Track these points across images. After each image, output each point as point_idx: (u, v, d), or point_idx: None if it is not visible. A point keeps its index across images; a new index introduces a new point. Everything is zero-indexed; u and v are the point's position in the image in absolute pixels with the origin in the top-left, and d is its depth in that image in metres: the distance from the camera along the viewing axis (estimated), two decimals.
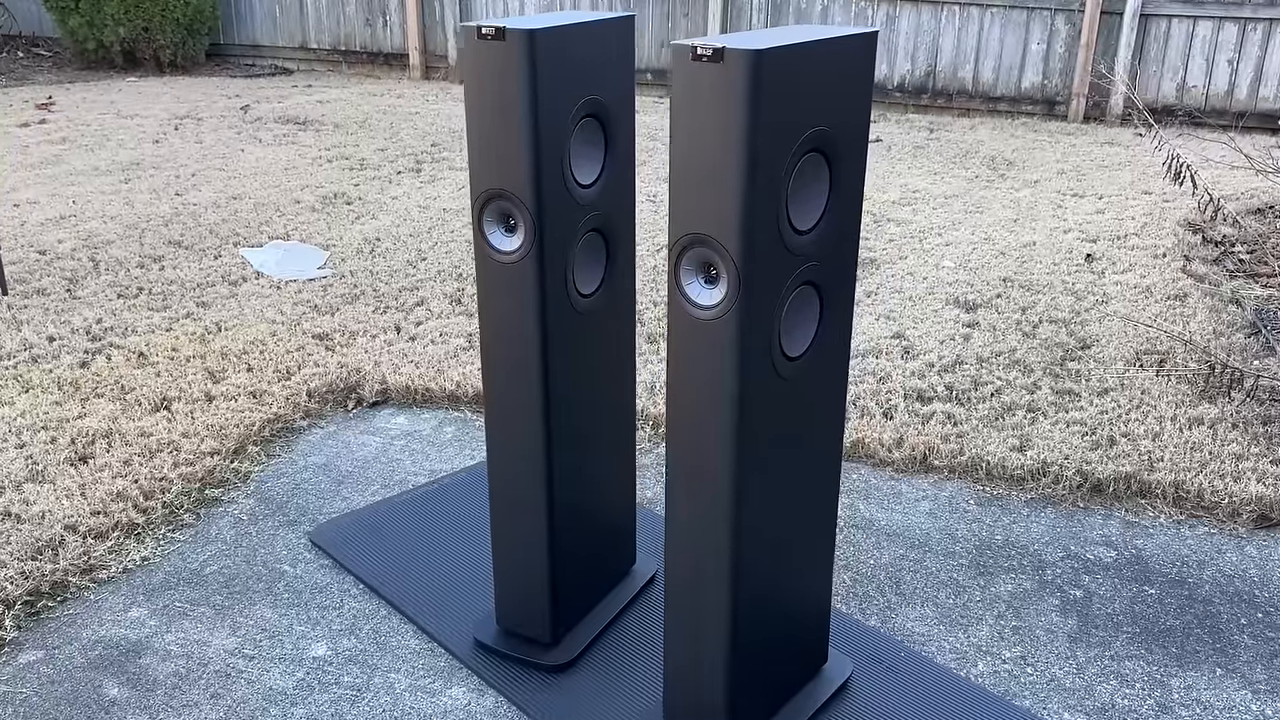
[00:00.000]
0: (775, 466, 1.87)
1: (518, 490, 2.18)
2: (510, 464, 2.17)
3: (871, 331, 3.93)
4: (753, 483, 1.82)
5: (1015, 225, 5.30)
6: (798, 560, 2.02)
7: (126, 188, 5.77)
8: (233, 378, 3.49)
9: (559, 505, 2.18)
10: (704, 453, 1.80)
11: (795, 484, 1.95)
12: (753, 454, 1.80)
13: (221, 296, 4.22)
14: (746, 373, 1.73)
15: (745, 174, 1.61)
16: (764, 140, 1.62)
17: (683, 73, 1.63)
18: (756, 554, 1.89)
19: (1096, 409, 3.33)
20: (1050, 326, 3.97)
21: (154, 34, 9.38)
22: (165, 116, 7.69)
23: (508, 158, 1.94)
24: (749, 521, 1.84)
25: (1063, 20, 8.14)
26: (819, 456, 1.99)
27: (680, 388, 1.80)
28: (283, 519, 2.83)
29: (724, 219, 1.65)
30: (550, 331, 2.04)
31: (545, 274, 2.00)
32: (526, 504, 2.17)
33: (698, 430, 1.80)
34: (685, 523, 1.88)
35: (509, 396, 2.11)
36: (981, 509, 2.90)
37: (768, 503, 1.88)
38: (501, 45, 1.86)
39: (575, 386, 2.15)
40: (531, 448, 2.12)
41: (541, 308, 2.02)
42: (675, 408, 1.82)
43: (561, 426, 2.14)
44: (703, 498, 1.83)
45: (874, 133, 7.63)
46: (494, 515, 2.23)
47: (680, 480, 1.86)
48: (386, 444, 3.22)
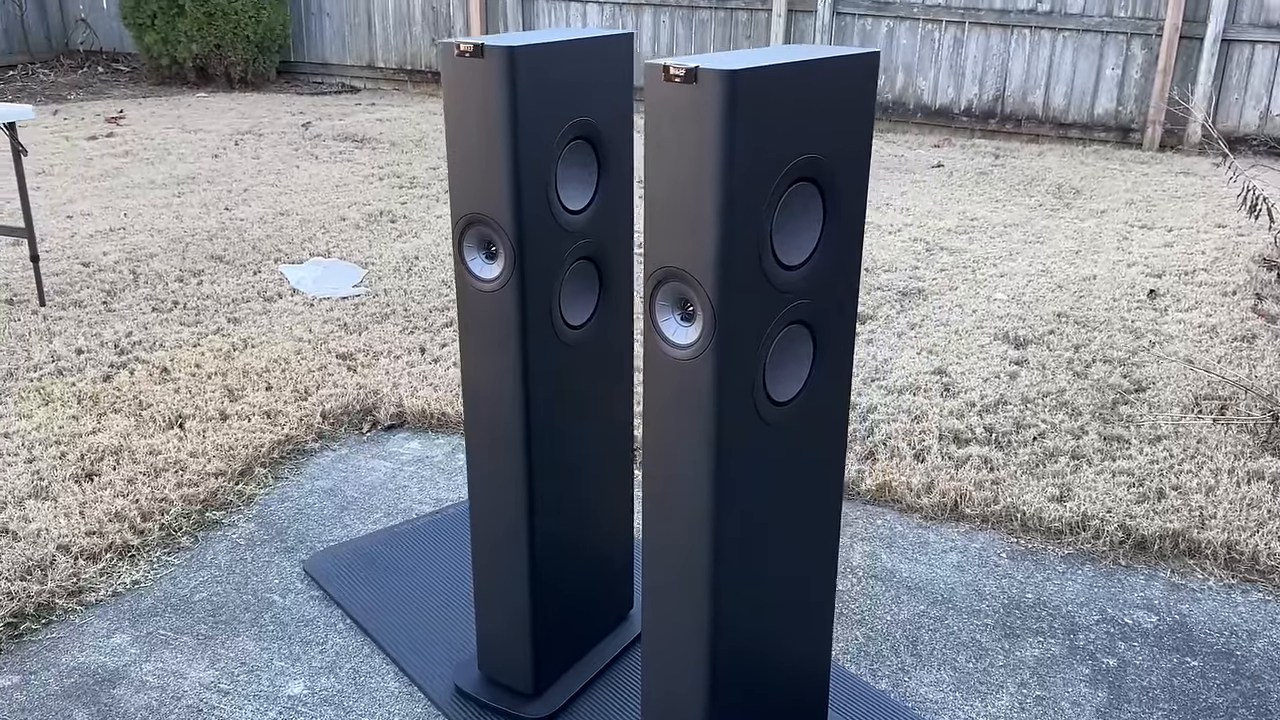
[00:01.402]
0: (760, 516, 1.73)
1: (497, 529, 2.06)
2: (490, 500, 2.05)
3: (911, 366, 3.75)
4: (733, 531, 1.68)
5: (1076, 257, 5.06)
6: (788, 616, 1.87)
7: (178, 201, 5.83)
8: (250, 396, 3.44)
9: (542, 546, 2.06)
10: (681, 498, 1.67)
11: (785, 535, 1.80)
12: (732, 501, 1.66)
13: (254, 313, 4.20)
14: (725, 417, 1.60)
15: (721, 203, 1.49)
16: (742, 167, 1.49)
17: (656, 94, 1.51)
18: (738, 606, 1.75)
19: (1147, 458, 3.11)
20: (1104, 366, 3.75)
21: (225, 51, 9.56)
22: (228, 132, 7.79)
23: (487, 181, 1.83)
24: (729, 572, 1.70)
25: (1139, 45, 7.84)
26: (813, 506, 1.84)
27: (656, 429, 1.67)
28: (280, 545, 2.75)
29: (699, 252, 1.52)
30: (532, 363, 1.93)
31: (527, 303, 1.89)
32: (506, 544, 2.06)
33: (675, 474, 1.67)
34: (662, 571, 1.74)
35: (488, 430, 2.00)
36: (1013, 563, 2.71)
37: (751, 553, 1.74)
38: (480, 63, 1.76)
39: (562, 421, 2.04)
40: (511, 483, 2.01)
41: (523, 339, 1.91)
42: (651, 450, 1.69)
43: (545, 462, 2.02)
44: (680, 545, 1.70)
45: (936, 158, 7.42)
46: (475, 554, 2.12)
47: (657, 526, 1.73)
48: (396, 470, 3.13)
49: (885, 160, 7.29)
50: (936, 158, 7.41)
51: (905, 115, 8.54)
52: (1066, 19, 7.94)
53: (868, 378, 3.66)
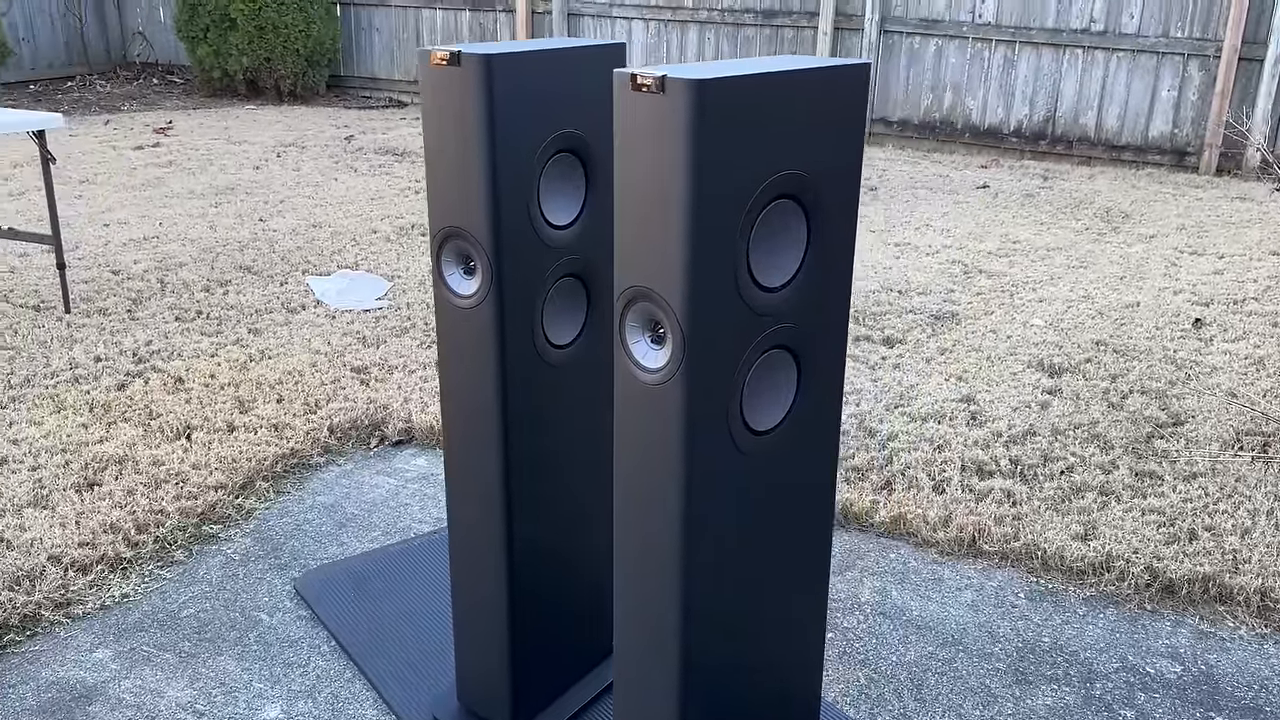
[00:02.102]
0: (736, 550, 1.63)
1: (476, 557, 1.99)
2: (468, 527, 1.98)
3: (937, 393, 3.62)
4: (704, 565, 1.59)
5: (1120, 283, 4.89)
6: (771, 655, 1.77)
7: (214, 211, 5.87)
8: (260, 408, 3.41)
9: (522, 577, 1.98)
10: (650, 529, 1.58)
11: (765, 570, 1.70)
12: (703, 534, 1.57)
13: (275, 324, 4.18)
14: (696, 445, 1.51)
15: (690, 219, 1.40)
16: (713, 181, 1.40)
17: (625, 104, 1.43)
18: (712, 645, 1.65)
19: (1179, 496, 2.95)
20: (1141, 398, 3.59)
21: (275, 64, 9.67)
22: (272, 144, 7.86)
23: (463, 193, 1.76)
24: (701, 608, 1.61)
25: (1196, 66, 7.61)
26: (798, 541, 1.74)
27: (625, 456, 1.59)
28: (274, 562, 2.70)
29: (667, 270, 1.44)
30: (511, 383, 1.86)
31: (505, 321, 1.82)
32: (485, 573, 1.98)
33: (645, 504, 1.58)
34: (631, 605, 1.65)
35: (465, 453, 1.93)
36: (1031, 604, 2.57)
37: (726, 587, 1.64)
38: (456, 72, 1.70)
39: (544, 445, 1.96)
40: (489, 510, 1.93)
41: (501, 357, 1.83)
42: (621, 478, 1.61)
43: (525, 488, 1.94)
44: (649, 579, 1.61)
45: (982, 178, 7.25)
46: (453, 583, 2.05)
47: (626, 557, 1.64)
48: (399, 487, 3.07)
49: (929, 180, 7.15)
50: (983, 179, 7.25)
51: (953, 135, 8.39)
52: (1121, 39, 7.74)
53: (891, 404, 3.54)
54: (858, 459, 3.15)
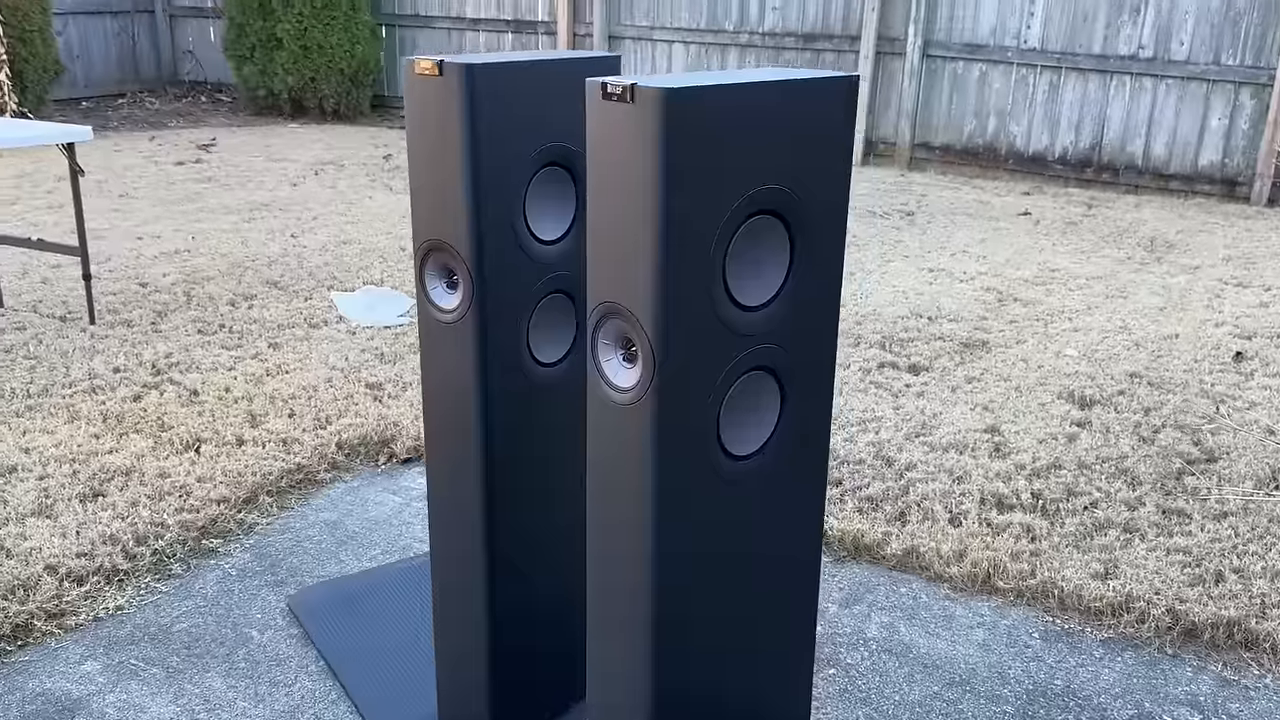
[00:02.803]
0: (713, 579, 1.56)
1: (457, 583, 1.93)
2: (450, 553, 1.93)
3: (961, 423, 3.52)
4: (679, 595, 1.52)
5: (1160, 314, 4.75)
6: (750, 693, 1.69)
7: (247, 226, 5.92)
8: (271, 423, 3.39)
9: (503, 606, 1.92)
10: (624, 555, 1.52)
11: (746, 602, 1.63)
12: (678, 562, 1.50)
13: (295, 338, 4.18)
14: (668, 468, 1.44)
15: (660, 233, 1.34)
16: (686, 194, 1.34)
17: (596, 114, 1.38)
18: (687, 681, 1.58)
19: (1208, 535, 2.82)
20: (1173, 433, 3.46)
21: (319, 84, 9.79)
22: (311, 161, 7.93)
23: (446, 205, 1.72)
24: (676, 642, 1.54)
25: (1248, 95, 7.43)
26: (782, 572, 1.67)
27: (597, 478, 1.53)
28: (271, 579, 2.67)
29: (638, 285, 1.38)
30: (494, 401, 1.81)
31: (487, 335, 1.77)
32: (466, 600, 1.93)
33: (616, 529, 1.52)
34: (603, 636, 1.59)
35: (446, 471, 1.88)
36: (1045, 645, 2.47)
37: (702, 621, 1.57)
38: (439, 81, 1.66)
39: (529, 465, 1.90)
40: (471, 536, 1.88)
41: (483, 374, 1.79)
42: (593, 501, 1.55)
43: (509, 509, 1.88)
44: (621, 606, 1.54)
45: (1024, 205, 7.12)
46: (435, 610, 1.99)
47: (600, 585, 1.58)
48: (404, 505, 3.03)
49: (968, 206, 7.03)
50: (1024, 205, 7.12)
51: (996, 161, 8.26)
52: (1169, 66, 7.58)
53: (911, 433, 3.44)
54: (873, 488, 3.05)
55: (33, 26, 8.82)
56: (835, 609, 2.58)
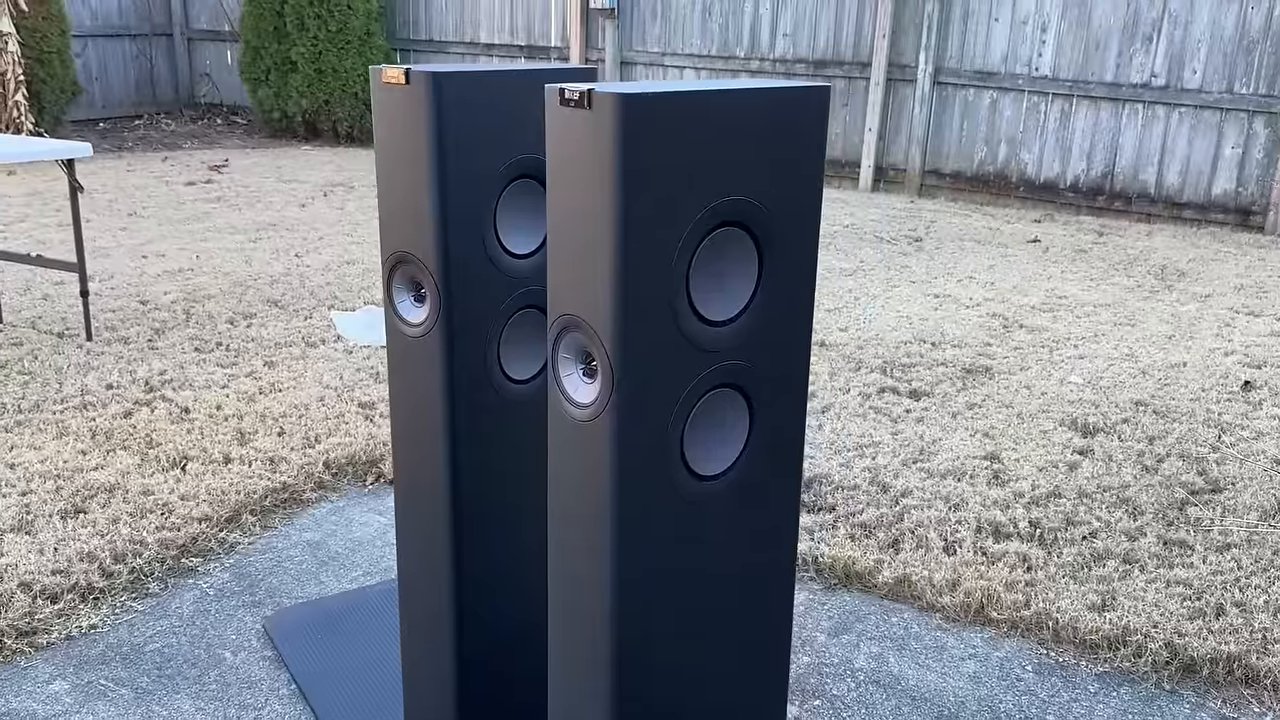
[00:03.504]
0: (677, 604, 1.51)
1: (424, 609, 1.88)
2: (417, 576, 1.88)
3: (960, 449, 3.45)
4: (641, 619, 1.47)
5: (1168, 342, 4.67)
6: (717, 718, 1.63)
7: (252, 246, 5.92)
8: (260, 441, 3.36)
9: (472, 632, 1.87)
10: (584, 577, 1.47)
11: (713, 626, 1.57)
12: (640, 585, 1.45)
13: (292, 357, 4.16)
14: (630, 489, 1.40)
15: (618, 244, 1.30)
16: (645, 204, 1.30)
17: (554, 121, 1.34)
18: (649, 704, 1.52)
19: (1209, 568, 2.74)
20: (1178, 462, 3.38)
21: (333, 107, 9.84)
22: (321, 183, 7.96)
23: (413, 216, 1.69)
24: (638, 668, 1.48)
25: (1261, 123, 7.36)
26: (752, 595, 1.61)
27: (558, 497, 1.48)
28: (249, 599, 2.63)
29: (596, 298, 1.34)
30: (461, 418, 1.76)
31: (454, 351, 1.73)
32: (433, 626, 1.88)
33: (578, 549, 1.47)
34: (564, 656, 1.53)
35: (413, 491, 1.83)
36: (1039, 679, 2.39)
37: (667, 647, 1.51)
38: (406, 90, 1.63)
39: (500, 487, 1.85)
40: (438, 559, 1.83)
41: (450, 390, 1.74)
42: (554, 521, 1.50)
43: (477, 534, 1.84)
44: (582, 629, 1.49)
45: (1034, 232, 7.06)
46: (402, 636, 1.94)
47: (561, 607, 1.53)
48: (388, 526, 2.99)
49: (977, 233, 6.97)
50: (1034, 233, 7.06)
51: (1007, 189, 8.20)
52: (1183, 95, 7.53)
53: (909, 459, 3.38)
54: (866, 515, 2.99)
55: (51, 48, 8.91)
56: (824, 638, 2.52)
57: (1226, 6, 7.33)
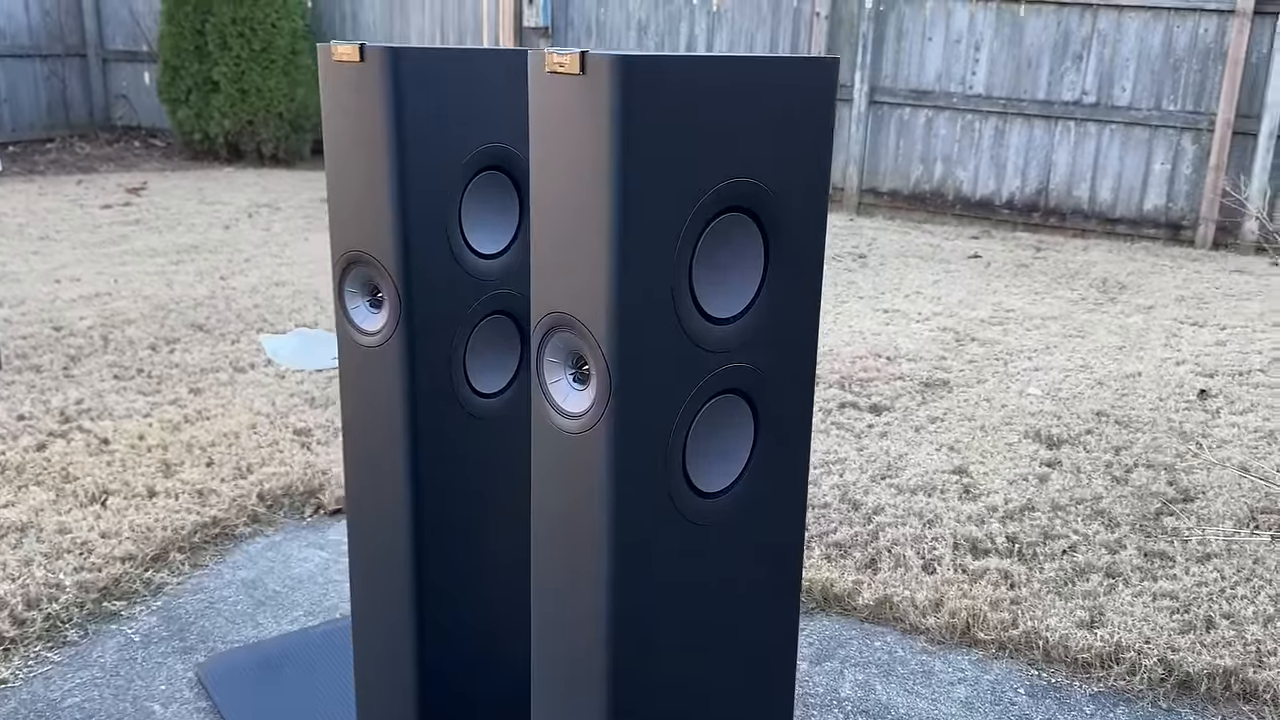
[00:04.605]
0: (678, 634, 1.35)
1: (379, 645, 1.69)
2: (372, 614, 1.69)
3: (928, 464, 3.34)
4: (639, 650, 1.30)
5: (1120, 353, 4.65)
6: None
7: (174, 269, 5.63)
8: (187, 472, 3.12)
9: (434, 669, 1.68)
10: (574, 609, 1.30)
11: (715, 659, 1.41)
12: (637, 616, 1.28)
13: (219, 383, 3.91)
14: (629, 508, 1.23)
15: (616, 229, 1.15)
16: (645, 185, 1.15)
17: (539, 93, 1.18)
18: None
19: (1193, 579, 2.66)
20: (1146, 472, 3.32)
21: (258, 128, 9.53)
22: (246, 204, 7.67)
23: (368, 212, 1.51)
24: (635, 706, 1.32)
25: (1189, 140, 7.49)
26: (756, 624, 1.46)
27: (544, 519, 1.31)
28: (179, 645, 2.39)
29: (591, 293, 1.18)
30: (424, 436, 1.58)
31: (416, 361, 1.56)
32: (390, 665, 1.68)
33: (567, 579, 1.30)
34: (548, 693, 1.36)
35: (369, 516, 1.65)
36: (1032, 701, 2.27)
37: (665, 683, 1.35)
38: (360, 69, 1.46)
39: (464, 509, 1.68)
40: (397, 594, 1.64)
41: (411, 405, 1.57)
42: (540, 544, 1.33)
43: (441, 561, 1.65)
44: (572, 669, 1.32)
45: (973, 249, 7.07)
46: (356, 680, 1.75)
47: (547, 645, 1.35)
48: (330, 561, 2.77)
49: (919, 250, 6.96)
50: (974, 249, 7.06)
51: (943, 206, 8.23)
52: (1113, 112, 7.63)
53: (877, 475, 3.26)
54: (840, 534, 2.86)
55: None
56: (806, 666, 2.37)
57: (1153, 25, 7.47)
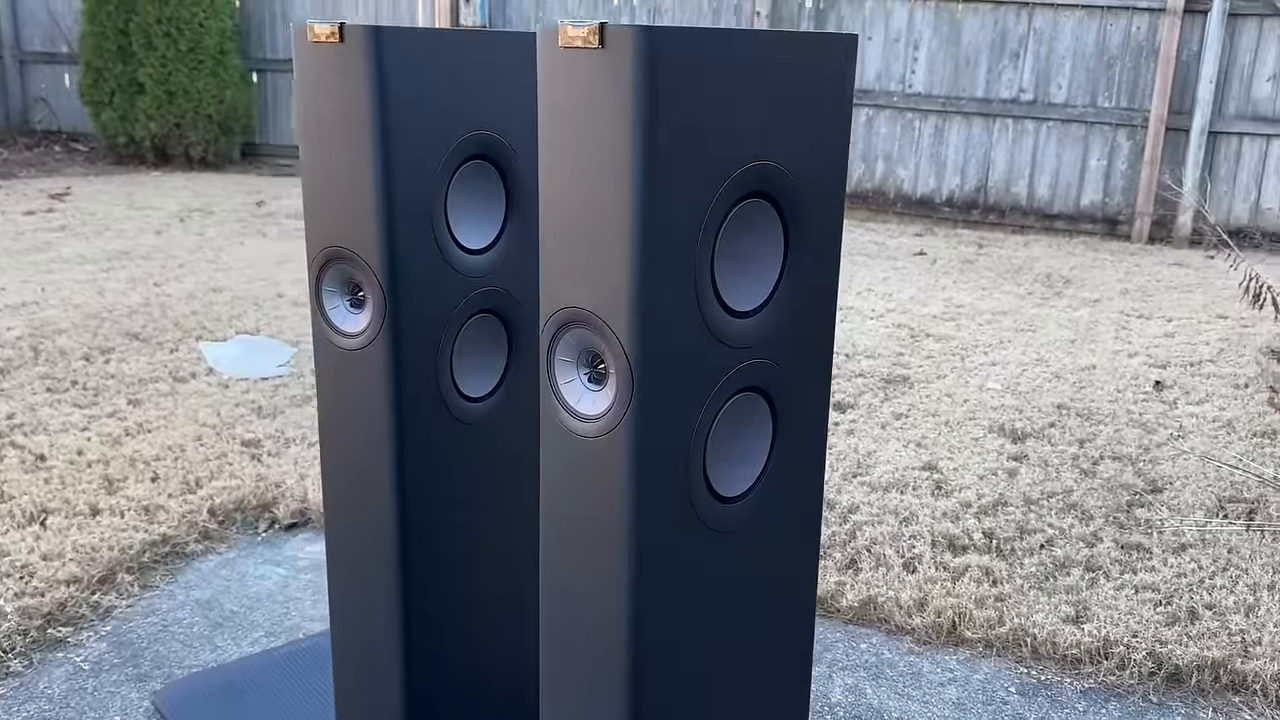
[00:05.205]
0: (699, 650, 1.27)
1: (363, 664, 1.58)
2: (355, 632, 1.58)
3: (897, 460, 3.31)
4: (659, 672, 1.22)
5: (1072, 346, 4.68)
6: None
7: (105, 276, 5.40)
8: (131, 488, 2.96)
9: (422, 689, 1.58)
10: (591, 624, 1.21)
11: (731, 662, 1.33)
12: (660, 631, 1.20)
13: (159, 394, 3.73)
14: (650, 517, 1.15)
15: (639, 216, 1.06)
16: (668, 168, 1.07)
17: (551, 70, 1.10)
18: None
19: (1172, 570, 2.65)
20: (1113, 464, 3.32)
21: (186, 131, 9.24)
22: (176, 209, 7.41)
23: (353, 205, 1.41)
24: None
25: (1124, 136, 7.62)
26: (776, 635, 1.38)
27: (555, 531, 1.22)
28: (132, 671, 2.25)
29: (611, 285, 1.10)
30: (411, 445, 1.48)
31: (403, 365, 1.45)
32: (375, 686, 1.58)
33: (583, 593, 1.21)
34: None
35: (351, 531, 1.54)
36: (1024, 700, 2.23)
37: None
38: (340, 50, 1.36)
39: (453, 521, 1.58)
40: (381, 603, 1.54)
41: (397, 412, 1.46)
42: (551, 559, 1.24)
43: (428, 575, 1.55)
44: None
45: (918, 245, 7.10)
46: (337, 697, 1.64)
47: (558, 665, 1.26)
48: (289, 578, 2.64)
49: (864, 247, 6.97)
50: (918, 246, 7.10)
51: (885, 205, 8.27)
52: (1050, 109, 7.74)
53: (848, 473, 3.21)
54: None
55: None
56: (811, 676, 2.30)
57: (1088, 24, 7.58)
